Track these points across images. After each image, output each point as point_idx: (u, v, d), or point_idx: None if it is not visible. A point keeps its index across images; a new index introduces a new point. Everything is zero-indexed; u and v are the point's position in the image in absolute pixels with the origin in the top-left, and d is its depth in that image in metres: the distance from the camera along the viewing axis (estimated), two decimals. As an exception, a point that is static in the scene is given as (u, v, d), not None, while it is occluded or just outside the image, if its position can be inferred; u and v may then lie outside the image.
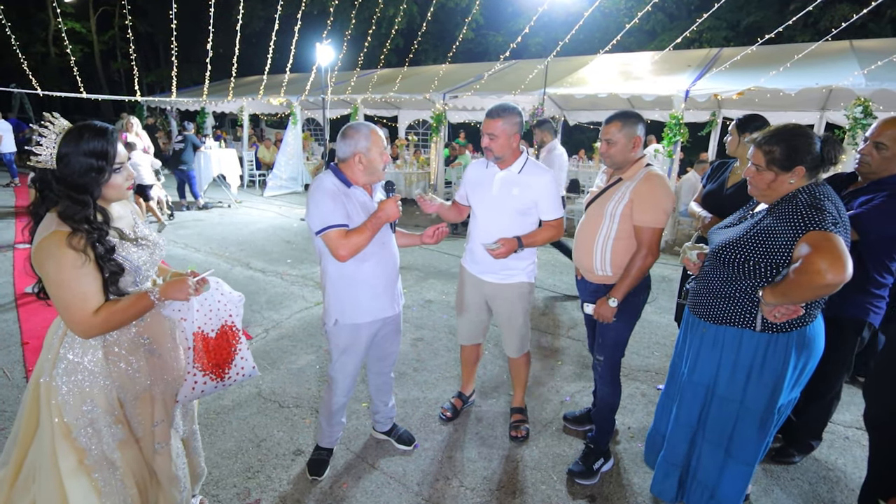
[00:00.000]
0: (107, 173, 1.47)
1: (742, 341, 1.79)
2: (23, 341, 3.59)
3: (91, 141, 1.43)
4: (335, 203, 2.02)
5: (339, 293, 2.17)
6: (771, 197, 1.76)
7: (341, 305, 2.17)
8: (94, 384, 1.51)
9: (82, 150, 1.41)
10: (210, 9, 8.33)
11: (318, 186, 2.06)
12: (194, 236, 7.01)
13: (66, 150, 1.41)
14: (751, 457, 1.86)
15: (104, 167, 1.45)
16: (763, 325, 1.74)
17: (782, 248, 1.64)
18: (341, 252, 2.01)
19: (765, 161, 1.72)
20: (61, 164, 1.41)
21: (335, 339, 2.23)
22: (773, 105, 7.61)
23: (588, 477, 2.41)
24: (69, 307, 1.41)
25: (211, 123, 13.41)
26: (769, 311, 1.69)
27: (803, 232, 1.59)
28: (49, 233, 1.39)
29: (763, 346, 1.75)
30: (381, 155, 2.09)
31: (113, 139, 1.47)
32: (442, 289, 5.08)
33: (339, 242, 2.00)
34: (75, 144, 1.41)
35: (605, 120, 2.25)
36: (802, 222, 1.60)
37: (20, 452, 1.68)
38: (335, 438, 2.46)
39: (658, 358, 3.69)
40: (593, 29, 14.62)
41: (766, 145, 1.71)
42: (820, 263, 1.48)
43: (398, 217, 2.08)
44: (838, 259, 1.48)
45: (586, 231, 2.34)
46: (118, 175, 1.51)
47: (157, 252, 1.66)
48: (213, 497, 2.21)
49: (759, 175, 1.75)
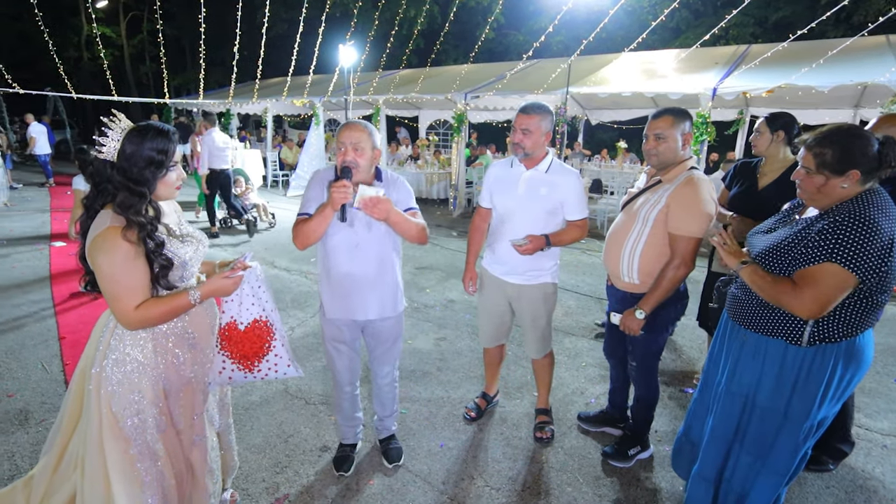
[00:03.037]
0: (164, 169, 1.56)
1: (787, 352, 1.70)
2: (59, 336, 3.72)
3: (155, 138, 1.52)
4: (311, 192, 2.08)
5: (321, 286, 2.23)
6: (822, 202, 1.64)
7: (322, 298, 2.23)
8: (142, 375, 1.57)
9: (146, 145, 1.51)
10: (237, 12, 8.48)
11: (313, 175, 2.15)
12: (221, 235, 7.17)
13: (132, 144, 1.50)
14: (785, 468, 1.78)
15: (163, 162, 1.54)
16: (810, 339, 1.65)
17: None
18: (294, 241, 2.04)
19: (815, 164, 1.61)
20: (124, 158, 1.50)
21: (323, 330, 2.29)
22: (803, 102, 7.42)
23: (621, 460, 2.42)
24: (117, 300, 1.48)
25: (236, 125, 13.68)
26: (726, 264, 1.78)
27: (829, 258, 1.51)
28: (104, 228, 1.46)
29: (810, 357, 1.67)
30: (338, 150, 2.00)
31: (173, 139, 1.57)
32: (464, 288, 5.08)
33: (293, 231, 2.04)
34: (140, 140, 1.50)
35: (653, 114, 2.18)
36: (837, 244, 1.50)
37: (63, 440, 1.75)
38: (354, 434, 2.48)
39: (684, 360, 3.63)
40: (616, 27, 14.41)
41: (817, 147, 1.61)
42: (807, 299, 1.53)
43: (344, 202, 1.87)
44: (823, 304, 1.52)
45: (616, 234, 2.29)
46: (172, 172, 1.60)
47: (200, 248, 1.71)
48: (244, 491, 2.26)
49: (809, 178, 1.63)
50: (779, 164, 2.60)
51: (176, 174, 1.62)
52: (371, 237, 2.09)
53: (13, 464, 2.37)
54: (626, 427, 2.62)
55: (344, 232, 2.06)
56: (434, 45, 11.12)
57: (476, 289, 2.70)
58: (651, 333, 2.25)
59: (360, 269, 2.10)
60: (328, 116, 13.94)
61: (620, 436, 2.61)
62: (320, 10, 10.18)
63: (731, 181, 2.82)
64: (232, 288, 1.66)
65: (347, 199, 1.88)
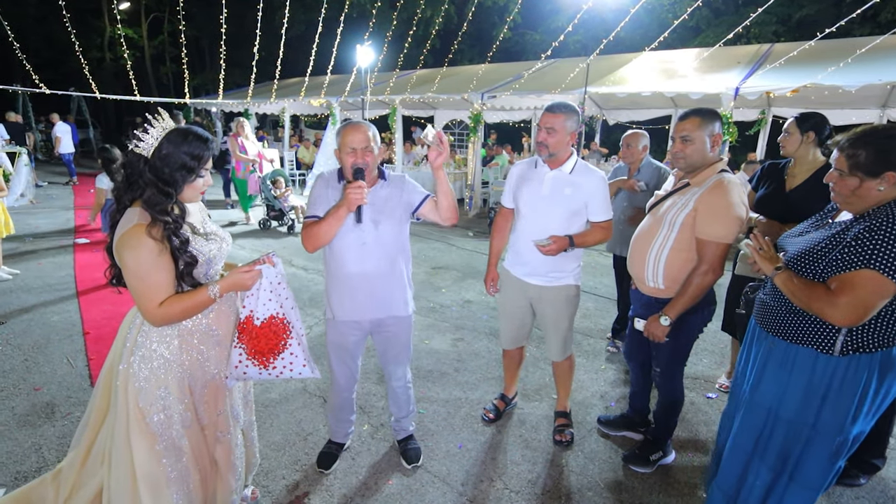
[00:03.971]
0: (195, 174, 1.58)
1: (817, 362, 1.63)
2: (84, 331, 3.79)
3: (194, 143, 1.55)
4: (317, 193, 2.10)
5: (328, 288, 2.22)
6: (857, 205, 1.58)
7: (329, 300, 2.22)
8: (168, 371, 1.59)
9: (183, 149, 1.53)
10: (257, 13, 8.58)
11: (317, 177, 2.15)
12: (238, 234, 7.24)
13: (170, 145, 1.52)
14: (817, 482, 1.71)
15: (195, 168, 1.57)
16: (843, 349, 1.58)
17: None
18: (304, 244, 2.04)
19: (848, 165, 1.56)
20: (159, 157, 1.52)
21: (327, 333, 2.29)
22: (829, 102, 7.25)
23: (643, 465, 2.38)
24: (142, 296, 1.50)
25: (253, 124, 13.82)
26: (758, 268, 1.72)
27: (866, 264, 1.45)
28: (132, 225, 1.48)
29: (843, 368, 1.59)
30: (348, 153, 1.99)
31: (210, 147, 1.60)
32: (481, 289, 5.06)
33: (303, 233, 2.04)
34: (179, 143, 1.53)
35: (680, 116, 2.13)
36: (875, 250, 1.44)
37: (90, 435, 1.78)
38: (344, 433, 2.49)
39: (706, 365, 3.57)
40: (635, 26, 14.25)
41: (850, 148, 1.55)
42: (843, 307, 1.47)
43: (360, 203, 1.91)
44: (861, 312, 1.46)
45: (642, 238, 2.24)
46: (201, 179, 1.62)
47: (224, 246, 1.74)
48: (264, 488, 2.27)
49: (842, 181, 1.58)
50: (808, 166, 2.53)
51: (203, 181, 1.64)
52: (378, 235, 2.10)
53: (40, 456, 2.42)
54: (647, 432, 2.58)
55: (352, 232, 2.06)
56: (451, 45, 11.11)
57: (497, 290, 2.68)
58: (676, 340, 2.20)
59: (368, 267, 2.11)
60: (344, 116, 14.02)
61: (642, 440, 2.57)
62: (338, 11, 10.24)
63: (758, 182, 2.76)
64: (250, 282, 1.67)
65: (363, 200, 1.92)
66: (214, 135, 13.82)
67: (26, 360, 3.31)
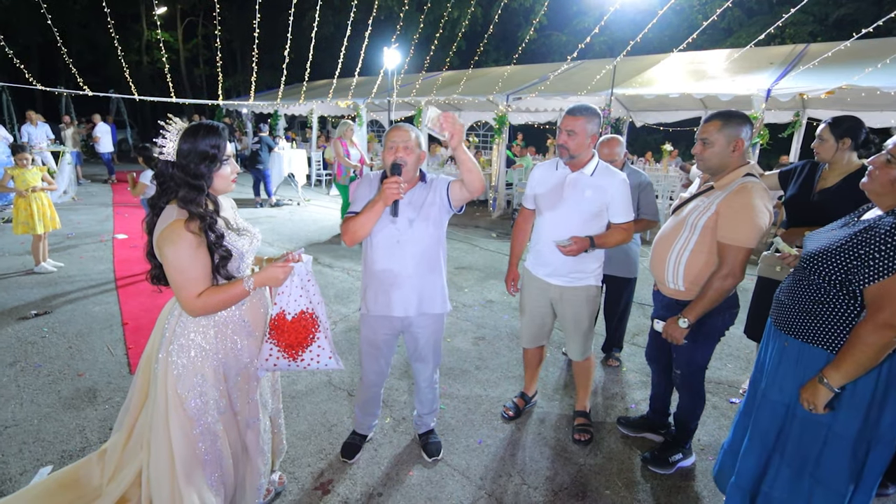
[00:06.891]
0: (218, 162, 1.67)
1: (828, 363, 1.60)
2: (123, 322, 3.98)
3: (206, 135, 1.64)
4: (360, 192, 2.18)
5: (363, 283, 2.30)
6: (888, 200, 1.53)
7: (363, 295, 2.30)
8: (205, 359, 1.69)
9: (200, 142, 1.62)
10: (288, 17, 8.79)
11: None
12: (268, 231, 7.44)
13: (186, 142, 1.62)
14: (842, 485, 1.67)
15: (217, 156, 1.65)
16: None
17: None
18: (343, 238, 2.12)
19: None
20: (182, 155, 1.62)
21: (361, 329, 2.36)
22: (865, 105, 7.02)
23: (662, 466, 2.38)
24: (182, 288, 1.59)
25: (283, 125, 14.14)
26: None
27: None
28: (171, 221, 1.59)
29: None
30: (389, 149, 2.08)
31: (223, 135, 1.67)
32: (503, 289, 5.09)
33: (342, 227, 2.12)
34: (193, 138, 1.62)
35: (705, 118, 2.13)
36: None
37: (131, 419, 1.90)
38: (368, 426, 2.57)
39: (731, 370, 3.53)
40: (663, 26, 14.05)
41: None
42: (881, 320, 1.40)
43: (396, 198, 1.97)
44: None
45: (664, 239, 2.25)
46: (226, 166, 1.71)
47: (254, 241, 1.83)
48: (290, 474, 2.37)
49: (887, 169, 1.51)
50: (842, 170, 2.48)
51: (230, 168, 1.73)
52: (412, 234, 2.14)
53: (84, 437, 2.57)
54: (667, 433, 2.58)
55: (387, 229, 2.13)
56: (477, 46, 11.15)
57: (518, 289, 2.71)
58: (696, 343, 2.20)
59: (399, 265, 2.16)
60: (370, 118, 14.21)
61: (662, 442, 2.58)
62: (366, 13, 10.40)
63: (790, 176, 2.70)
64: (283, 277, 1.76)
65: (399, 196, 1.98)
66: (245, 135, 14.20)
67: (70, 348, 3.51)
